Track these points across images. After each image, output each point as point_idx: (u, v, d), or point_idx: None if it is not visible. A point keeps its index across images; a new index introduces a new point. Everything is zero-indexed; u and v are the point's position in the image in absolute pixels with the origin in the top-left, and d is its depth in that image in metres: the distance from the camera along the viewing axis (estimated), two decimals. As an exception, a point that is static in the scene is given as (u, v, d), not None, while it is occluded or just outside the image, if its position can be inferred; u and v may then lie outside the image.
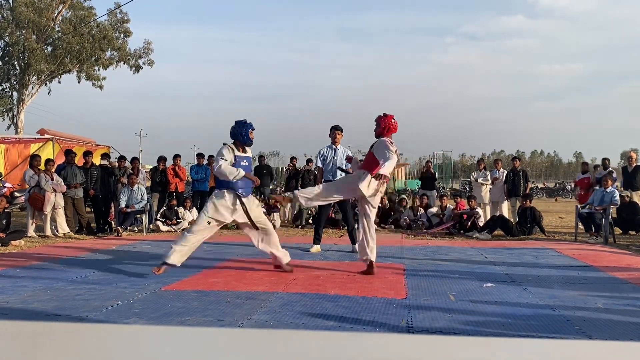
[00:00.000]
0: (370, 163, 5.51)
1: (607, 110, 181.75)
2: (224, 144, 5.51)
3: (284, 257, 5.69)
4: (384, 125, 5.63)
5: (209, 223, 5.38)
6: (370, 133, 5.84)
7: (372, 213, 5.63)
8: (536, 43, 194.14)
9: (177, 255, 5.29)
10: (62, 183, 9.38)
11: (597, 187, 10.92)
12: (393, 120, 5.65)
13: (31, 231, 9.05)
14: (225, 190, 5.36)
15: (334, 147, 7.31)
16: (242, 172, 5.30)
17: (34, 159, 9.60)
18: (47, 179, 9.15)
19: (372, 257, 5.57)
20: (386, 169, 5.13)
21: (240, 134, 5.53)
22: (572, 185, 29.23)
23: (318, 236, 7.38)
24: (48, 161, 9.65)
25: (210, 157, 11.54)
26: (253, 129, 5.59)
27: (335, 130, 7.33)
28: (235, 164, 5.37)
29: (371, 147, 5.71)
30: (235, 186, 5.38)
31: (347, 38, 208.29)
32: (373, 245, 5.59)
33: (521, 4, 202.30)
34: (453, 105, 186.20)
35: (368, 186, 5.36)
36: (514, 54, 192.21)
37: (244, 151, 5.60)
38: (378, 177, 5.22)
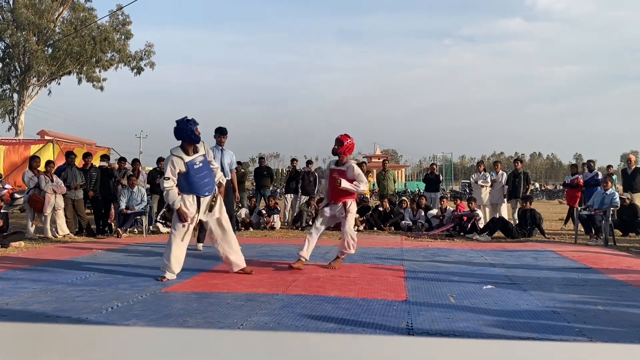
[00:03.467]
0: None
1: (607, 112, 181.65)
2: (171, 154, 5.37)
3: (240, 262, 5.68)
4: (346, 145, 6.08)
5: (183, 226, 5.39)
6: (369, 134, 6.20)
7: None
8: (535, 45, 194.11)
9: (175, 266, 5.37)
10: (62, 184, 9.38)
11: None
12: (351, 141, 6.16)
13: (31, 232, 9.04)
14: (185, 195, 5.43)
15: (220, 147, 7.56)
16: (177, 205, 5.31)
17: (33, 160, 9.60)
18: (47, 180, 9.15)
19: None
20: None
21: (187, 134, 5.33)
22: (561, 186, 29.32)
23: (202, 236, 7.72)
24: (48, 162, 9.65)
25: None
26: (197, 124, 5.37)
27: (220, 134, 7.56)
28: (188, 171, 5.32)
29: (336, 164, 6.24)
30: (197, 190, 5.42)
31: (346, 40, 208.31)
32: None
33: (519, 6, 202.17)
34: (452, 107, 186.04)
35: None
36: (513, 56, 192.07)
37: (195, 150, 5.42)
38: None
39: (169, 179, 5.29)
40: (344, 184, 5.94)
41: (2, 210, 8.31)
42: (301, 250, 6.13)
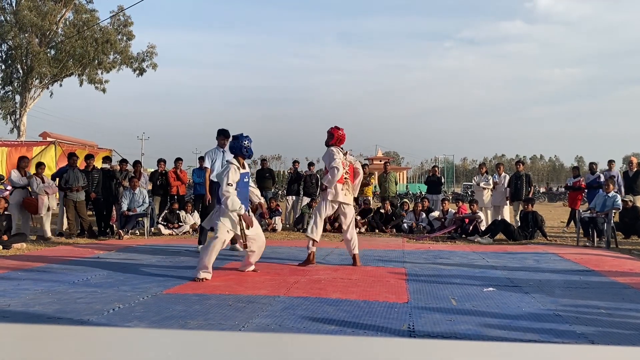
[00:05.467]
0: (326, 172, 6.54)
1: (608, 114, 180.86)
2: (230, 164, 5.59)
3: (250, 266, 5.90)
4: (336, 137, 6.45)
5: (228, 232, 5.57)
6: (370, 136, 6.50)
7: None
8: (535, 48, 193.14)
9: (209, 268, 5.47)
10: (54, 185, 9.38)
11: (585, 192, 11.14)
12: (342, 132, 6.51)
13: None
14: None
15: (222, 149, 7.63)
16: (243, 210, 5.50)
17: (22, 160, 9.50)
18: (39, 182, 9.11)
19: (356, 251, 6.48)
20: (327, 181, 6.32)
21: (245, 147, 5.66)
22: (563, 188, 29.34)
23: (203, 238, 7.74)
24: (39, 164, 9.56)
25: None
26: (251, 141, 5.73)
27: (221, 136, 7.62)
28: (239, 182, 5.55)
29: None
30: (241, 201, 5.56)
31: (347, 43, 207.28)
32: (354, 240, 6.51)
33: (519, 9, 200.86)
34: (454, 110, 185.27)
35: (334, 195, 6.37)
36: (513, 59, 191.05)
37: (244, 167, 5.74)
38: (323, 189, 6.42)
39: (232, 185, 5.46)
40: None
41: (6, 212, 8.31)
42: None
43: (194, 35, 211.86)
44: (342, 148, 6.55)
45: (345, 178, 6.44)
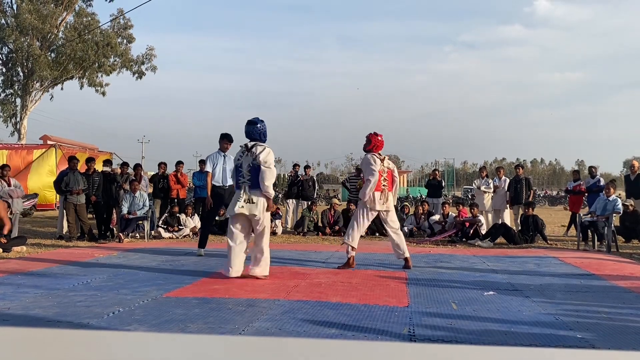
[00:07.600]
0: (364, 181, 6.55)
1: (608, 118, 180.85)
2: (266, 146, 5.65)
3: (262, 270, 5.72)
4: (374, 143, 6.49)
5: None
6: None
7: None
8: (535, 52, 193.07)
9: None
10: (20, 189, 9.30)
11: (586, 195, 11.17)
12: (380, 138, 6.54)
13: None
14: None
15: (224, 154, 7.68)
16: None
17: None
18: (4, 185, 9.03)
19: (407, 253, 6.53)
20: (362, 193, 6.36)
21: (263, 133, 5.69)
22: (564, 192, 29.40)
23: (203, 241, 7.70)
24: (3, 167, 9.42)
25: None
26: (265, 126, 5.77)
27: (224, 140, 7.65)
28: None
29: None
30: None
31: (346, 46, 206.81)
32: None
33: (519, 13, 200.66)
34: (454, 113, 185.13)
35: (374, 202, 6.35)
36: (513, 63, 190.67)
37: None
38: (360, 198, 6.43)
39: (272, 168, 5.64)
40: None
41: (9, 215, 8.29)
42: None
43: (194, 39, 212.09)
44: (379, 154, 6.53)
45: (384, 185, 6.40)
